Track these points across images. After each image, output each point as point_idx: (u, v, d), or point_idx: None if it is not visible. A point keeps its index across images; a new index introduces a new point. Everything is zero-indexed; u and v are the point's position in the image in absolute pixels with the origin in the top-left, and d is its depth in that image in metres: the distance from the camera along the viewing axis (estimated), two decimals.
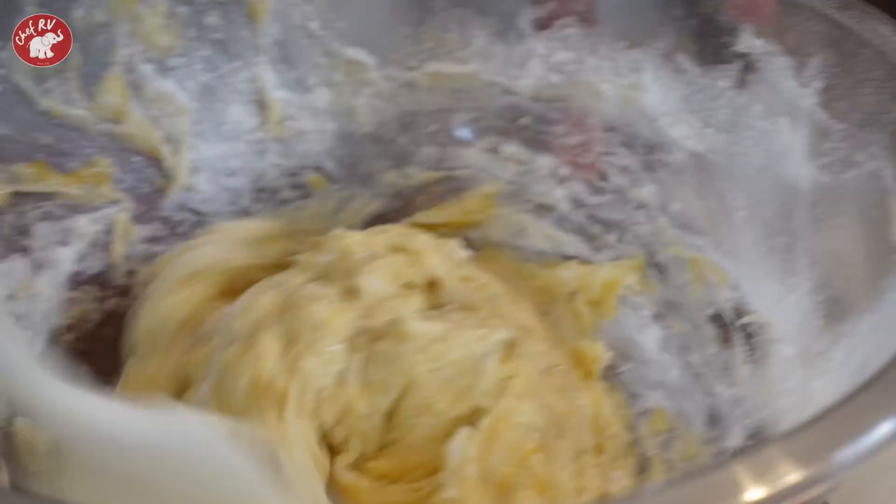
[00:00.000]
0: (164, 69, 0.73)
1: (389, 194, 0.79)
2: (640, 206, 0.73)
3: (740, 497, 0.31)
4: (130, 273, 0.72)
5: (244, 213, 0.77)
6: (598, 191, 0.74)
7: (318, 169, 0.78)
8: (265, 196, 0.78)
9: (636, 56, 0.70)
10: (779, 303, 0.62)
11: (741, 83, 0.65)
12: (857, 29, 0.58)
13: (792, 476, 0.32)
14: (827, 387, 0.52)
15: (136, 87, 0.71)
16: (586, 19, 0.71)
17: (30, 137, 0.67)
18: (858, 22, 0.58)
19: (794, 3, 0.61)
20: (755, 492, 0.32)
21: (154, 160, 0.73)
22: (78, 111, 0.69)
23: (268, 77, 0.76)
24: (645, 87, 0.70)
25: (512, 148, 0.77)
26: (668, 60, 0.69)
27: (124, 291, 0.71)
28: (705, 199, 0.70)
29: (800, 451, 0.33)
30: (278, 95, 0.77)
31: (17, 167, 0.66)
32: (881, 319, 0.50)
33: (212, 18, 0.73)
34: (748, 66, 0.64)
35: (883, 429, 0.34)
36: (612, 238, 0.74)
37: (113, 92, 0.70)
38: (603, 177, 0.74)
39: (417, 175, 0.78)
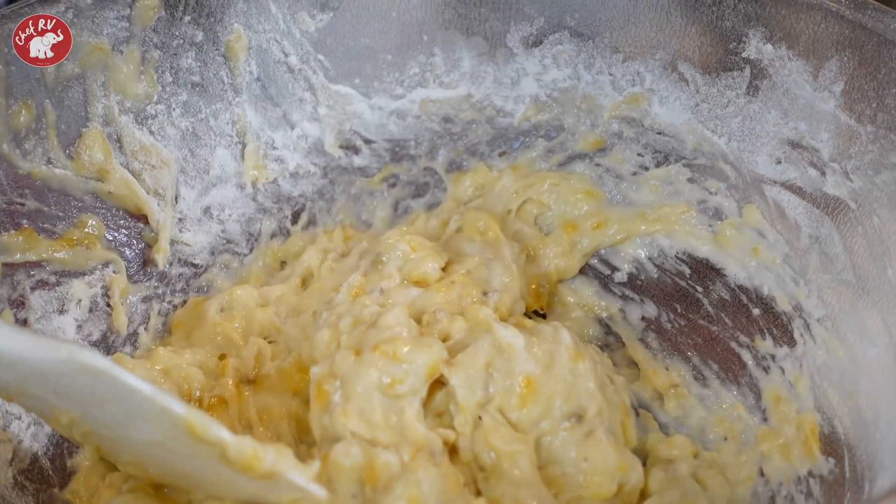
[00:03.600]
0: (142, 118, 0.69)
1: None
2: None
3: None
4: (134, 336, 0.70)
5: (240, 256, 0.75)
6: None
7: (306, 208, 0.77)
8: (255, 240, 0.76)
9: (636, 68, 0.69)
10: None
11: (752, 90, 0.64)
12: (879, 29, 0.56)
13: None
14: None
15: (115, 141, 0.68)
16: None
17: (13, 204, 0.64)
18: (878, 22, 0.57)
19: (806, 4, 0.60)
20: None
21: (142, 215, 0.70)
22: (60, 171, 0.66)
23: (250, 116, 0.73)
24: (647, 99, 0.69)
25: None
26: (670, 71, 0.67)
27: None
28: None
29: None
30: (262, 134, 0.74)
31: (3, 237, 0.62)
32: None
33: (187, 61, 0.70)
34: (758, 72, 0.63)
35: None
36: None
37: (93, 148, 0.67)
38: None
39: None
